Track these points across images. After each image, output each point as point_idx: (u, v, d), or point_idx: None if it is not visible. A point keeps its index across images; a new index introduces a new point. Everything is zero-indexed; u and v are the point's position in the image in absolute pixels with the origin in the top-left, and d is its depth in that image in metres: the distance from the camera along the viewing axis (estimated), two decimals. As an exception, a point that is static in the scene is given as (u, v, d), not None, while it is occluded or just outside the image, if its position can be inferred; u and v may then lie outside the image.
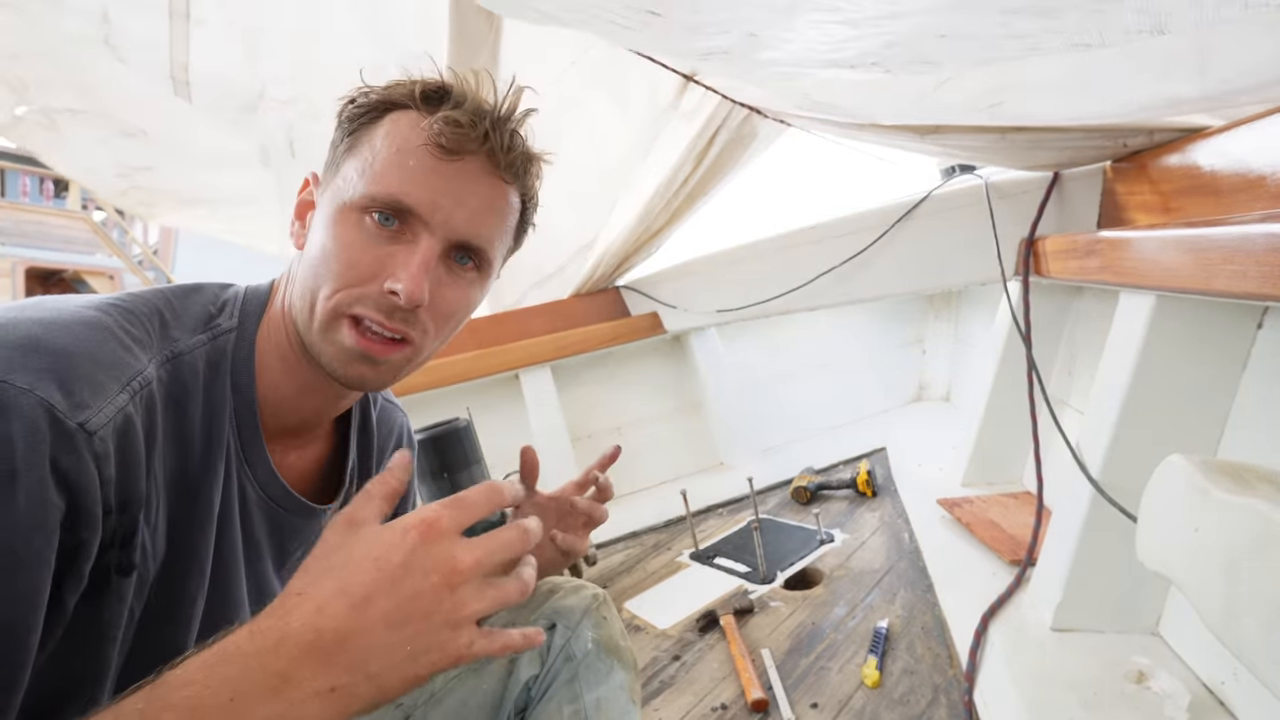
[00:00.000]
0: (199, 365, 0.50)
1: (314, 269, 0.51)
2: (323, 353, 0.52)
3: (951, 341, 2.71)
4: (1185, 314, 1.01)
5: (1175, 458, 0.61)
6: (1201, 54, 0.70)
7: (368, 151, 0.51)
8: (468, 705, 0.72)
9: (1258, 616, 0.49)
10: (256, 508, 0.56)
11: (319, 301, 0.51)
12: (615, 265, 2.24)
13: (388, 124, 0.52)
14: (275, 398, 0.55)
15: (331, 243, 0.51)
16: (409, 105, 0.52)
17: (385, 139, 0.51)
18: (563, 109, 1.59)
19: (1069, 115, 1.16)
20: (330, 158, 0.55)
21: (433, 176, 0.50)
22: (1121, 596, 1.06)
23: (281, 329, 0.55)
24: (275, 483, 0.56)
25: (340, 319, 0.51)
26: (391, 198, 0.50)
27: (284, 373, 0.55)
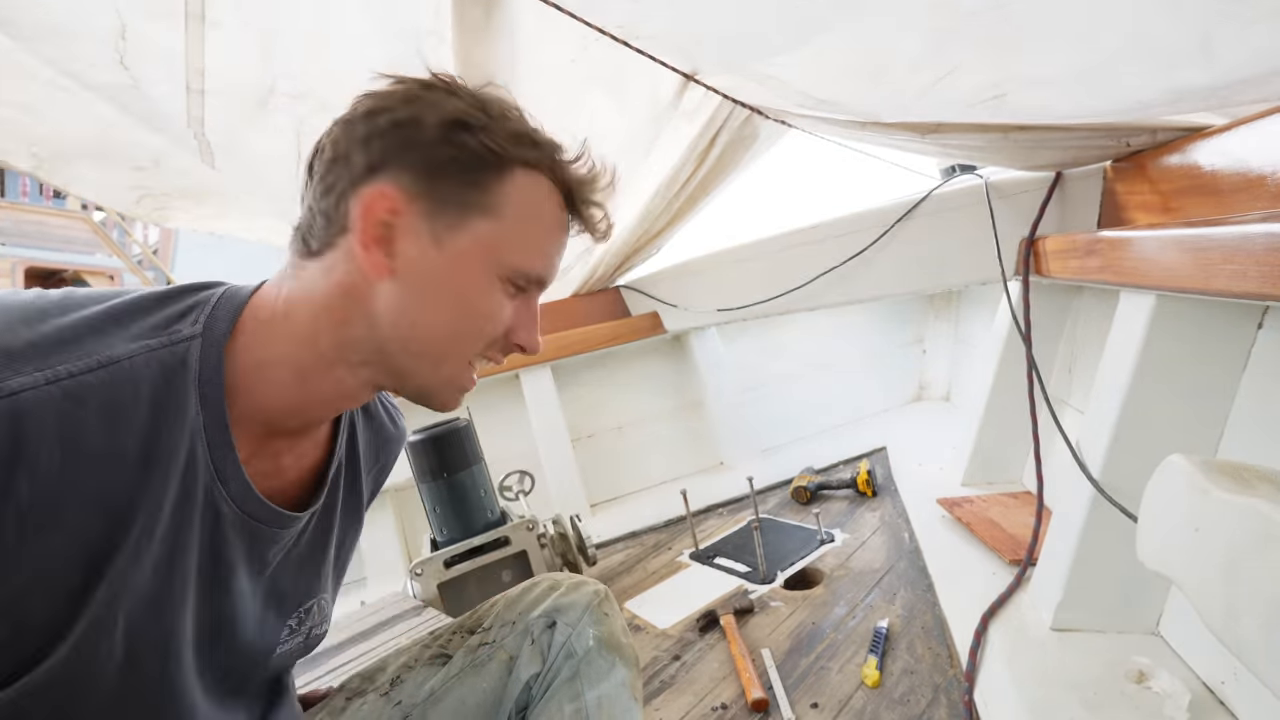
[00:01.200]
0: (140, 374, 0.44)
1: (453, 321, 0.53)
2: (435, 390, 0.56)
3: (952, 341, 2.71)
4: (1185, 314, 1.01)
5: (1175, 457, 0.61)
6: (1207, 41, 0.70)
7: (511, 219, 0.53)
8: (466, 704, 0.72)
9: (1257, 616, 0.48)
10: (231, 526, 0.52)
11: (456, 350, 0.55)
12: (616, 265, 2.24)
13: (523, 187, 0.54)
14: (280, 405, 0.53)
15: (483, 307, 0.54)
16: (539, 170, 0.55)
17: (521, 208, 0.54)
18: (563, 107, 1.59)
19: (1072, 109, 1.16)
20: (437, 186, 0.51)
21: (562, 248, 0.59)
22: (1122, 596, 1.06)
23: (311, 343, 0.51)
24: (250, 497, 0.53)
25: (469, 367, 0.56)
26: (540, 276, 0.56)
27: (296, 382, 0.52)
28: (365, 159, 0.50)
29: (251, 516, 0.54)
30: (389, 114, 0.51)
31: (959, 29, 0.91)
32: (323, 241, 0.52)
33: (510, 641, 0.76)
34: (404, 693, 0.72)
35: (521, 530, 1.53)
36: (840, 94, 1.30)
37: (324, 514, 0.65)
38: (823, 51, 1.12)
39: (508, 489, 1.83)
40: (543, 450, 2.20)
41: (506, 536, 1.52)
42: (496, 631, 0.77)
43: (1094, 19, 0.77)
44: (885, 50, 1.05)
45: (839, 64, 1.12)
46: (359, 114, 0.52)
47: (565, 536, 1.64)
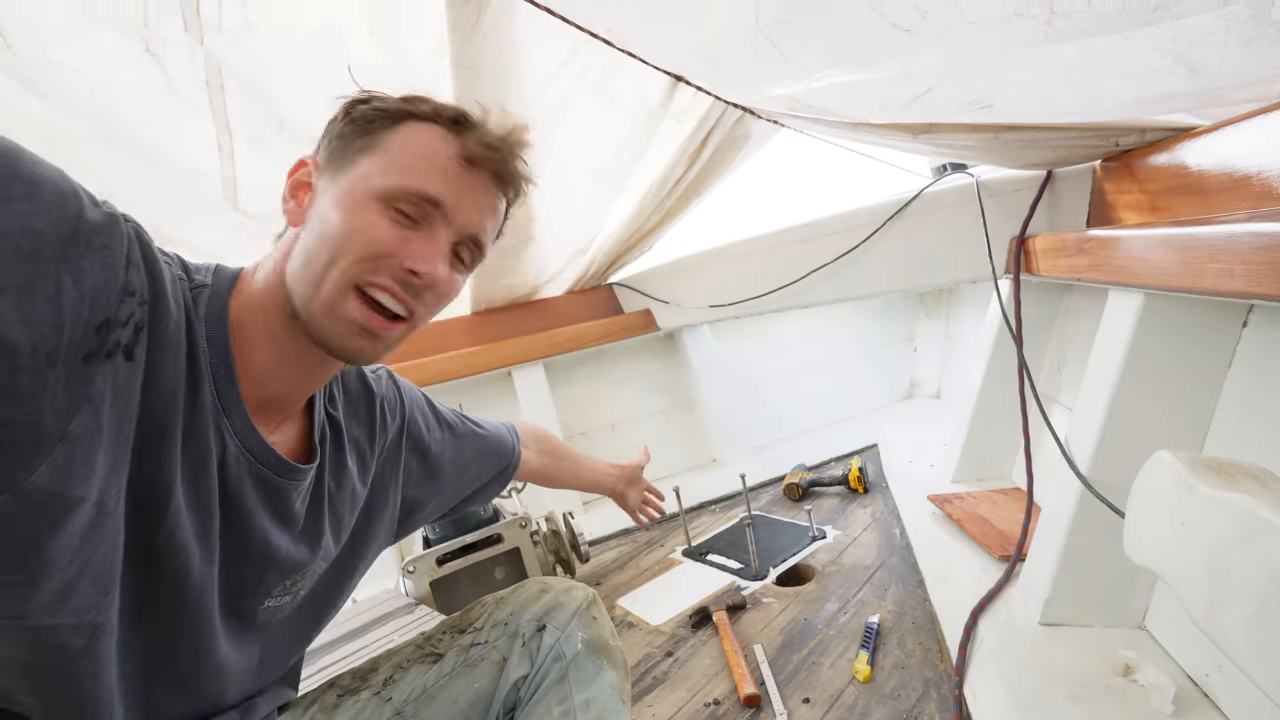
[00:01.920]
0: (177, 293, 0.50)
1: (328, 244, 0.55)
2: (324, 326, 0.56)
3: (942, 339, 2.73)
4: (1172, 312, 1.02)
5: (1162, 454, 0.62)
6: (1186, 65, 0.71)
7: (390, 151, 0.58)
8: (458, 703, 0.72)
9: (1241, 610, 0.49)
10: (236, 461, 0.56)
11: (332, 273, 0.55)
12: (608, 263, 2.24)
13: (409, 131, 0.59)
14: (255, 365, 0.57)
15: (353, 222, 0.56)
16: (433, 121, 0.60)
17: (411, 144, 0.58)
18: (553, 111, 1.59)
19: (1059, 111, 1.17)
20: (336, 147, 0.60)
21: (458, 180, 0.59)
22: (1109, 591, 1.08)
23: (267, 299, 0.57)
24: (253, 436, 0.56)
25: (348, 292, 0.56)
26: (423, 192, 0.57)
27: (267, 340, 0.57)
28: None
29: (254, 456, 0.57)
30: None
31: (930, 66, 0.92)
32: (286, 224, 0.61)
33: (502, 642, 0.76)
34: (397, 691, 0.73)
35: (514, 527, 1.53)
36: (830, 103, 1.31)
37: (316, 483, 0.66)
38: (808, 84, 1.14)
39: (500, 486, 1.83)
40: None
41: (499, 534, 1.52)
42: (488, 632, 0.78)
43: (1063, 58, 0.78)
44: (864, 83, 1.07)
45: (824, 86, 1.13)
46: None
47: (558, 534, 1.64)
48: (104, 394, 0.42)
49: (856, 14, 0.77)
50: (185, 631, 0.54)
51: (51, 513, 0.41)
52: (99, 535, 0.44)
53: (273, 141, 1.39)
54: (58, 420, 0.39)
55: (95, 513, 0.43)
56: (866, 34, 0.81)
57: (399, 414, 0.81)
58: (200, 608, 0.54)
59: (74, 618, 0.44)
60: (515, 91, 1.48)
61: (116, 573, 0.47)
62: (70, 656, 0.45)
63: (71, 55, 1.12)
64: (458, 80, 1.37)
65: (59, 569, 0.42)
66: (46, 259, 0.37)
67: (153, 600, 0.51)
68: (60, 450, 0.39)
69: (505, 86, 1.46)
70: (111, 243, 0.42)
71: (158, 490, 0.48)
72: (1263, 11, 0.54)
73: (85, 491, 0.42)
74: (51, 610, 0.43)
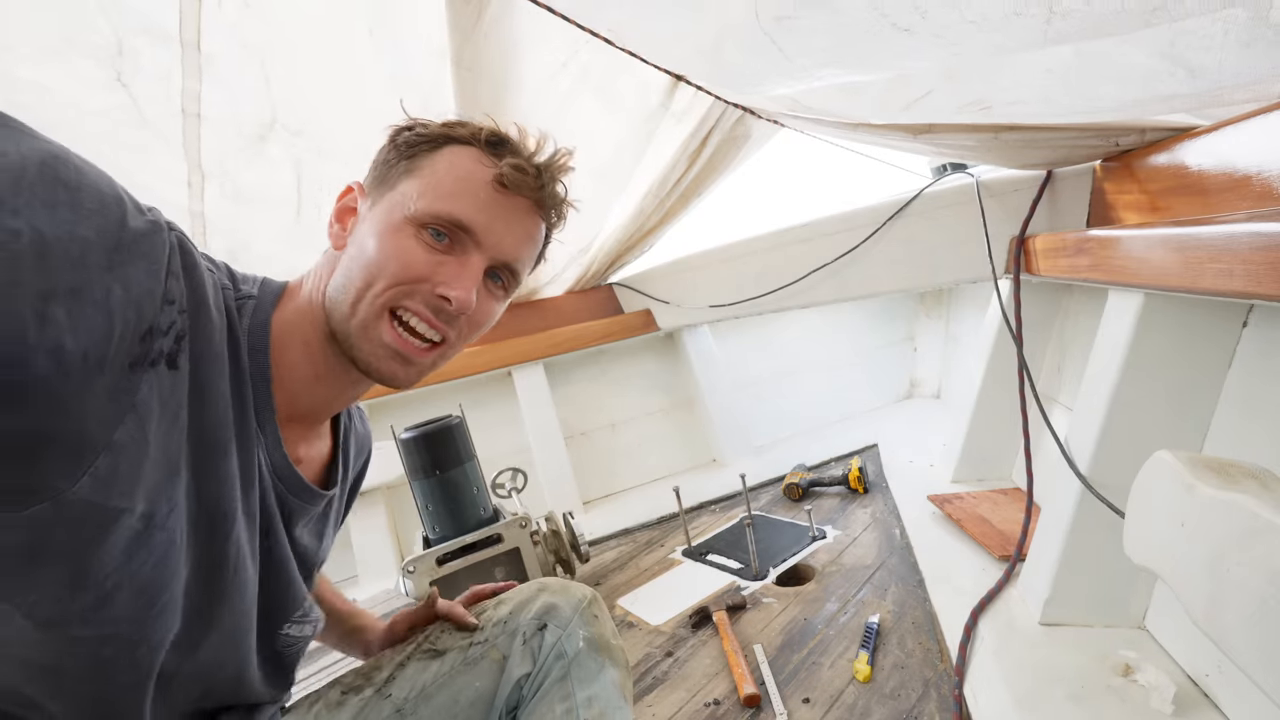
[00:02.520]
0: (220, 301, 0.50)
1: (364, 267, 0.56)
2: (359, 346, 0.57)
3: (942, 339, 2.73)
4: (1172, 312, 1.02)
5: (1162, 454, 0.62)
6: (1186, 68, 0.71)
7: (429, 175, 0.58)
8: (459, 702, 0.72)
9: (1241, 610, 0.49)
10: (265, 477, 0.56)
11: (367, 296, 0.56)
12: (608, 263, 2.24)
13: (449, 155, 0.60)
14: (290, 380, 0.57)
15: (388, 246, 0.56)
16: (470, 144, 0.60)
17: (449, 167, 0.59)
18: (554, 111, 1.59)
19: (1059, 112, 1.18)
20: (381, 173, 0.61)
21: (492, 206, 0.59)
22: (1109, 591, 1.08)
23: (307, 316, 0.58)
24: (279, 453, 0.57)
25: (383, 316, 0.56)
26: (455, 217, 0.57)
27: (304, 357, 0.57)
28: None
29: (278, 474, 0.57)
30: None
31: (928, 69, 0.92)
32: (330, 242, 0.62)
33: (503, 641, 0.76)
34: (397, 689, 0.73)
35: (514, 527, 1.53)
36: (830, 104, 1.31)
37: (320, 516, 0.66)
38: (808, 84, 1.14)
39: (500, 486, 1.83)
40: (535, 447, 2.20)
41: (499, 534, 1.52)
42: (488, 630, 0.78)
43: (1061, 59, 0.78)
44: (863, 84, 1.07)
45: (824, 86, 1.14)
46: None
47: (558, 534, 1.64)
48: (150, 404, 0.41)
49: (857, 12, 0.77)
50: (228, 643, 0.54)
51: (93, 524, 0.40)
52: (146, 549, 0.43)
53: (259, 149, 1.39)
54: (102, 429, 0.38)
55: (142, 526, 0.42)
56: (866, 33, 0.81)
57: (366, 461, 0.82)
58: (248, 620, 0.55)
59: (109, 628, 0.44)
60: (515, 91, 1.48)
61: (167, 585, 0.46)
62: (101, 665, 0.45)
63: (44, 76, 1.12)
64: (457, 81, 1.37)
65: (98, 580, 0.41)
66: (93, 265, 0.37)
67: (212, 610, 0.51)
68: (104, 460, 0.39)
69: (505, 87, 1.46)
70: (154, 250, 0.41)
71: (224, 504, 0.48)
72: (1260, 15, 0.54)
73: (129, 503, 0.41)
74: (85, 621, 0.42)
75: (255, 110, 1.33)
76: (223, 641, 0.53)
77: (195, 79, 1.22)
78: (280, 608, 0.61)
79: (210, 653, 0.53)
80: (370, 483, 2.02)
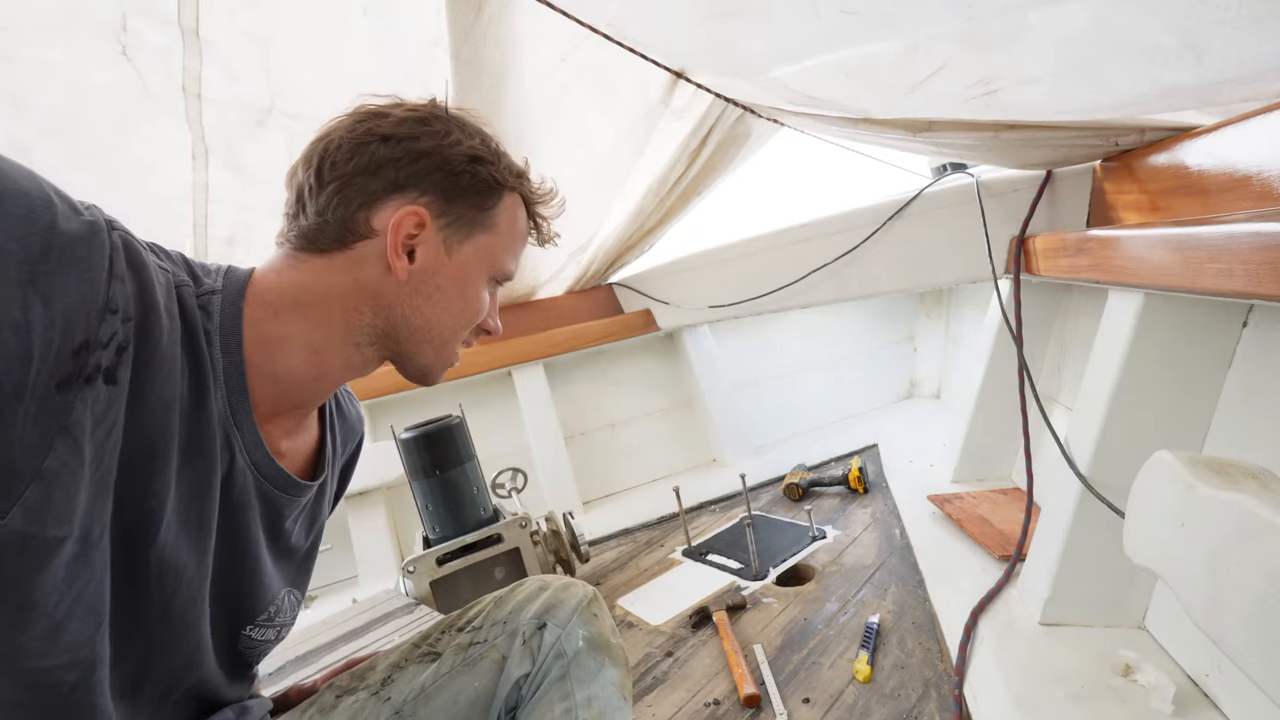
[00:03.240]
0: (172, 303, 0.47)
1: (456, 316, 0.64)
2: (431, 367, 0.65)
3: (942, 339, 2.73)
4: (1172, 312, 1.02)
5: (1162, 454, 0.62)
6: (1193, 44, 0.70)
7: (500, 233, 0.65)
8: (458, 702, 0.72)
9: (1241, 609, 0.49)
10: (242, 476, 0.55)
11: (454, 339, 0.65)
12: (608, 263, 2.24)
13: (508, 206, 0.65)
14: (281, 379, 0.56)
15: (475, 302, 0.65)
16: (515, 191, 0.66)
17: (509, 225, 0.66)
18: (552, 107, 1.59)
19: (1062, 106, 1.17)
20: (458, 212, 0.62)
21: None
22: (1109, 591, 1.08)
23: (325, 325, 0.57)
24: (260, 449, 0.55)
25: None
26: (512, 275, 0.68)
27: (307, 361, 0.57)
28: (389, 180, 0.58)
29: (259, 470, 0.56)
30: (410, 142, 0.58)
31: (943, 34, 0.92)
32: (335, 242, 0.57)
33: (502, 641, 0.76)
34: (395, 690, 0.72)
35: (514, 527, 1.53)
36: (832, 92, 1.31)
37: (313, 505, 0.66)
38: (812, 62, 1.13)
39: (500, 486, 1.83)
40: (535, 448, 2.20)
41: (499, 534, 1.52)
42: (487, 630, 0.77)
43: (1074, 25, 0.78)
44: (873, 54, 1.06)
45: (830, 66, 1.13)
46: (375, 135, 0.58)
47: (558, 534, 1.64)
48: (83, 423, 0.38)
49: None
50: (174, 648, 0.53)
51: (29, 556, 0.38)
52: (87, 570, 0.42)
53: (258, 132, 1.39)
54: (29, 458, 0.36)
55: (79, 549, 0.41)
56: None
57: (358, 448, 0.81)
58: (189, 625, 0.53)
59: (68, 655, 0.42)
60: (514, 87, 1.48)
61: (105, 602, 0.44)
62: (65, 693, 0.44)
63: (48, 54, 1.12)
64: (456, 75, 1.37)
65: (46, 610, 0.40)
66: (11, 282, 0.34)
67: (141, 619, 0.49)
68: (34, 490, 0.36)
69: (504, 82, 1.46)
70: (91, 255, 0.38)
71: (147, 509, 0.46)
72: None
73: (66, 530, 0.39)
74: (42, 652, 0.41)
75: (255, 97, 1.33)
76: (166, 649, 0.52)
77: (196, 60, 1.22)
78: (242, 611, 0.60)
79: (157, 659, 0.52)
80: (370, 483, 2.03)
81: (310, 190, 0.58)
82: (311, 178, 0.58)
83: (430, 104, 0.62)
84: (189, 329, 0.48)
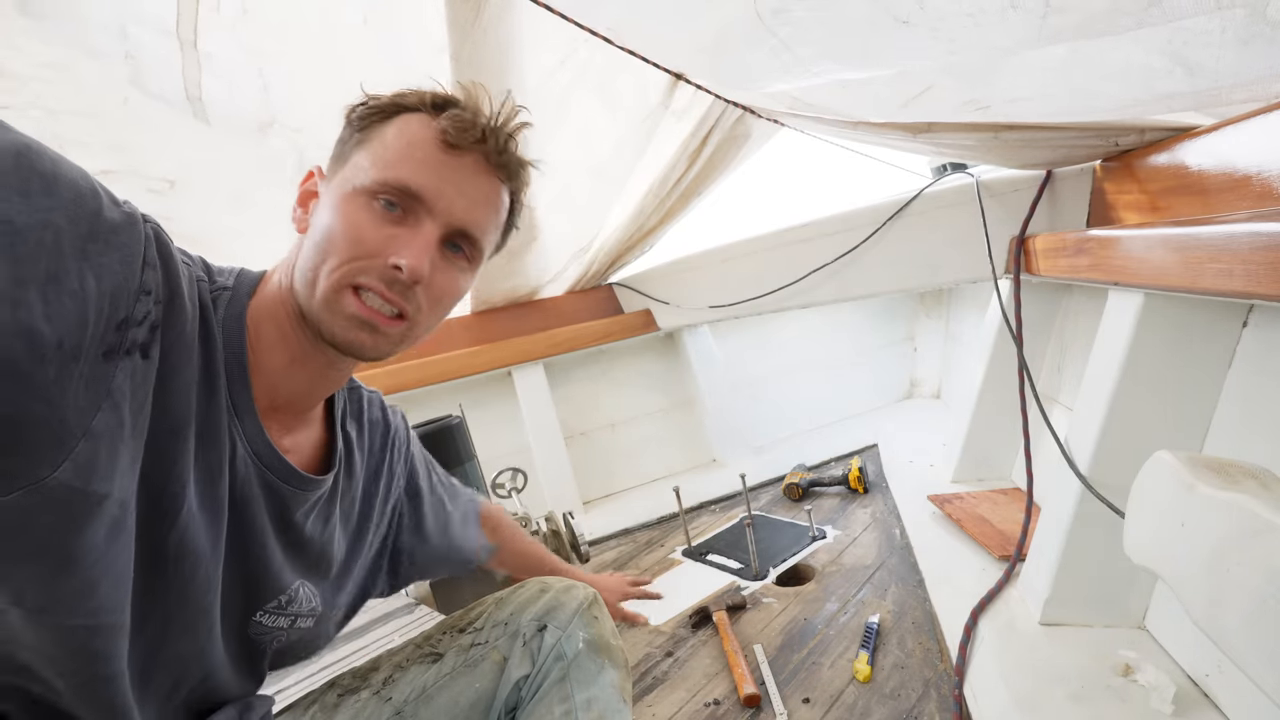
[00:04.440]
0: (194, 293, 0.50)
1: (320, 246, 0.56)
2: (324, 320, 0.55)
3: (942, 339, 2.73)
4: (1172, 312, 1.02)
5: (1162, 454, 0.62)
6: (1184, 65, 0.71)
7: (378, 144, 0.57)
8: (459, 704, 0.72)
9: (1241, 609, 0.49)
10: (244, 465, 0.56)
11: (323, 274, 0.55)
12: (608, 263, 2.24)
13: (398, 123, 0.58)
14: (268, 367, 0.57)
15: (339, 221, 0.55)
16: (419, 109, 0.59)
17: (396, 135, 0.58)
18: (553, 109, 1.59)
19: (1059, 112, 1.18)
20: (337, 151, 0.61)
21: (439, 167, 0.57)
22: (1109, 591, 1.08)
23: (279, 302, 0.58)
24: (261, 439, 0.57)
25: (344, 289, 0.55)
26: (401, 183, 0.56)
27: (278, 343, 0.58)
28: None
29: (261, 461, 0.57)
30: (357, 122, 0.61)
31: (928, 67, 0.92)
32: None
33: (503, 642, 0.76)
34: (397, 691, 0.73)
35: (514, 528, 1.53)
36: (829, 101, 1.31)
37: (328, 500, 0.66)
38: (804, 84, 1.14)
39: (500, 486, 1.83)
40: (535, 448, 2.20)
41: (499, 534, 1.52)
42: (488, 631, 0.77)
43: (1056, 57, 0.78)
44: (862, 80, 1.07)
45: (824, 83, 1.14)
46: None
47: (558, 534, 1.64)
48: (124, 391, 0.42)
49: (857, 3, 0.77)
50: (187, 633, 0.54)
51: (75, 510, 0.40)
52: (125, 535, 0.44)
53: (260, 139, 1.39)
54: (80, 416, 0.39)
55: (119, 512, 0.43)
56: (865, 25, 0.81)
57: (405, 455, 0.82)
58: (204, 610, 0.54)
59: (94, 618, 0.44)
60: (515, 89, 1.48)
61: (131, 573, 0.46)
62: (91, 657, 0.46)
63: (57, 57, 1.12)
64: (457, 78, 1.37)
65: (84, 566, 0.42)
66: (68, 254, 0.37)
67: (162, 601, 0.50)
68: (84, 446, 0.39)
69: (504, 84, 1.46)
70: (130, 242, 0.42)
71: (171, 490, 0.48)
72: (1258, 12, 0.55)
73: (109, 489, 0.42)
74: (71, 609, 0.43)
75: (255, 110, 1.34)
76: (175, 628, 0.53)
77: (195, 70, 1.22)
78: (252, 596, 0.60)
79: (170, 644, 0.53)
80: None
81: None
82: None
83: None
84: (204, 320, 0.51)
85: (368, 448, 0.75)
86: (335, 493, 0.68)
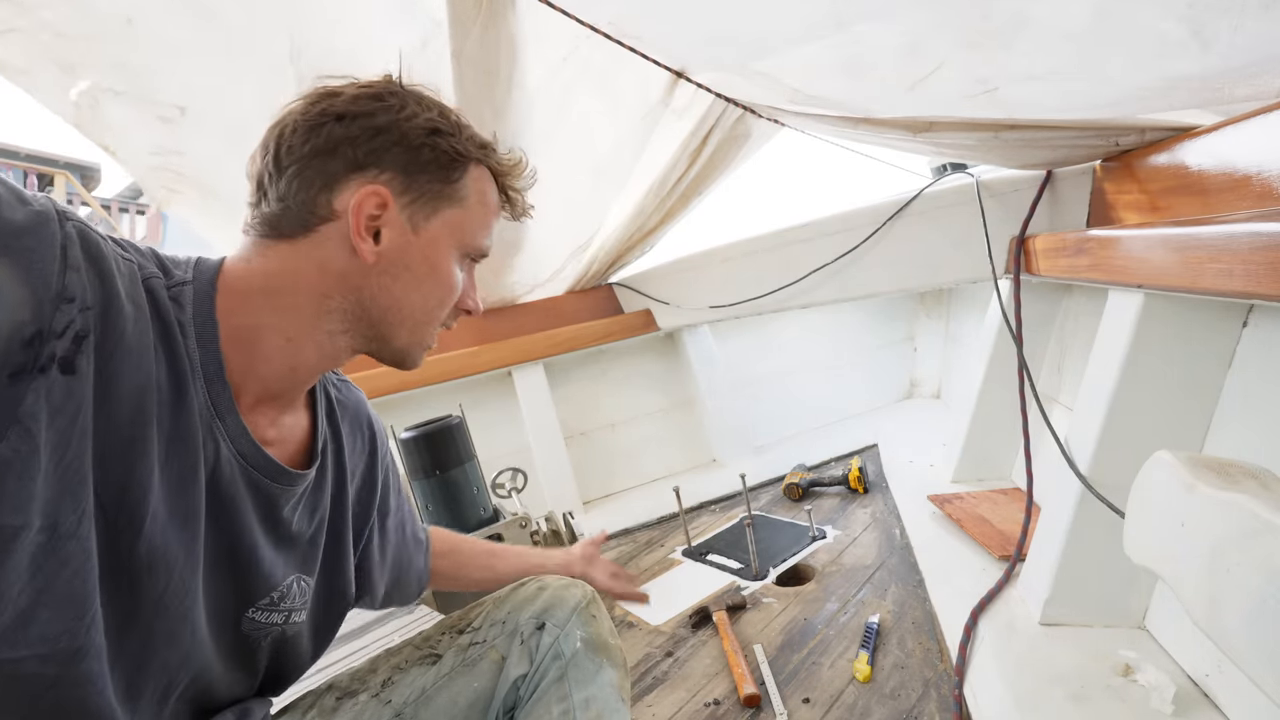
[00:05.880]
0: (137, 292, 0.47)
1: (425, 297, 0.62)
2: (410, 351, 0.64)
3: (942, 339, 2.73)
4: (1172, 312, 1.02)
5: (1162, 454, 0.62)
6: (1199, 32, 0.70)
7: (468, 206, 0.63)
8: (458, 704, 0.72)
9: (1241, 609, 0.49)
10: (229, 466, 0.55)
11: (434, 321, 0.64)
12: (609, 262, 2.24)
13: (475, 180, 0.63)
14: (259, 370, 0.56)
15: (448, 280, 0.63)
16: (482, 163, 0.64)
17: (478, 198, 0.64)
18: (553, 106, 1.59)
19: (1063, 103, 1.17)
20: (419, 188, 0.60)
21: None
22: (1109, 591, 1.08)
23: (294, 314, 0.57)
24: (246, 439, 0.55)
25: (436, 328, 0.64)
26: (484, 252, 0.66)
27: (282, 350, 0.57)
28: (348, 159, 0.56)
29: (246, 460, 0.56)
30: (366, 119, 0.57)
31: (940, 30, 0.92)
32: (299, 228, 0.57)
33: (501, 641, 0.76)
34: (396, 693, 0.72)
35: (514, 527, 1.53)
36: (831, 90, 1.31)
37: (313, 492, 0.66)
38: (813, 54, 1.13)
39: (500, 486, 1.83)
40: (535, 447, 2.20)
41: (499, 534, 1.52)
42: (486, 631, 0.77)
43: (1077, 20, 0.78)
44: (872, 50, 1.06)
45: (828, 62, 1.13)
46: (329, 115, 0.57)
47: (558, 533, 1.64)
48: (37, 413, 0.38)
49: None
50: (173, 641, 0.53)
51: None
52: (56, 560, 0.41)
53: None
54: None
55: (46, 538, 0.40)
56: None
57: (384, 455, 0.80)
58: (183, 617, 0.53)
59: (43, 646, 0.42)
60: (517, 87, 1.48)
61: (90, 594, 0.44)
62: (45, 687, 0.43)
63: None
64: (457, 74, 1.37)
65: (11, 597, 0.39)
66: None
67: (138, 613, 0.49)
68: None
69: (507, 83, 1.46)
70: (39, 245, 0.38)
71: (130, 501, 0.46)
72: None
73: (23, 519, 0.39)
74: (11, 643, 0.40)
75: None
76: (165, 643, 0.52)
77: None
78: (243, 595, 0.59)
79: (156, 654, 0.52)
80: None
81: (270, 176, 0.57)
82: (270, 163, 0.57)
83: (385, 80, 0.60)
84: (163, 321, 0.48)
85: (349, 430, 0.74)
86: (322, 482, 0.67)
